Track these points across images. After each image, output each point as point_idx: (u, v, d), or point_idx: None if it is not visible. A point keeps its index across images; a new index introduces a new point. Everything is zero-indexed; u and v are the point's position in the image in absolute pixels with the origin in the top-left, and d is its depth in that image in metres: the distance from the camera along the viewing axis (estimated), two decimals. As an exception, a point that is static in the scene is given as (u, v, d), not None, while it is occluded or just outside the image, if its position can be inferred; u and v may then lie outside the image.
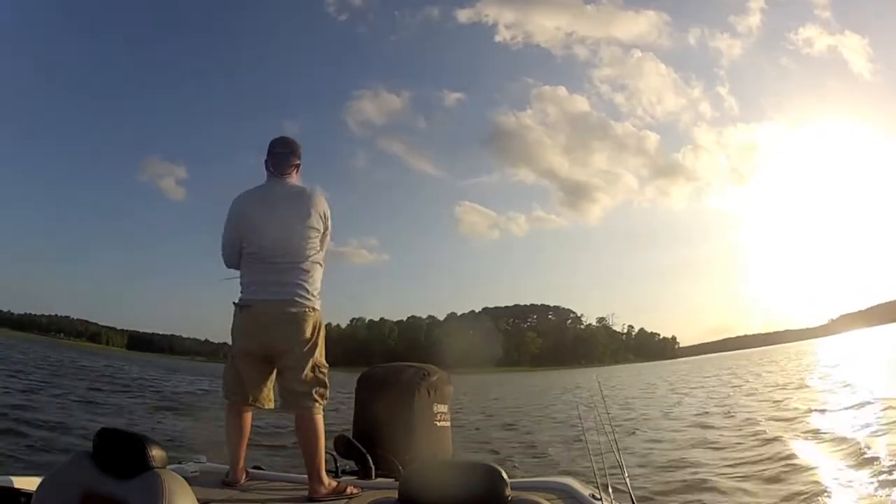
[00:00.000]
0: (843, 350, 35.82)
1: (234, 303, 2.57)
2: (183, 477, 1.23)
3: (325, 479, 2.41)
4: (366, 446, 2.67)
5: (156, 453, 1.23)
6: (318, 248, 2.59)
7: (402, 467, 2.53)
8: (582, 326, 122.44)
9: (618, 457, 2.19)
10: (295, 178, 2.69)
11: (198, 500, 1.22)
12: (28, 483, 1.76)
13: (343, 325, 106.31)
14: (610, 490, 2.03)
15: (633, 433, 8.27)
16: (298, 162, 2.70)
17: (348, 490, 2.40)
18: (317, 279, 2.57)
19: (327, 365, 2.58)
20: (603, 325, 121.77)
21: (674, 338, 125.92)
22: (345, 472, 2.68)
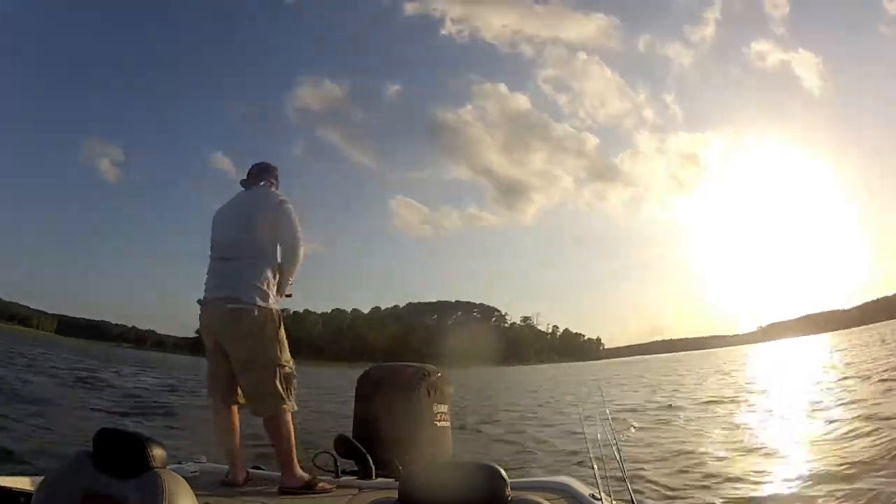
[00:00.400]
0: (757, 358, 36.97)
1: (197, 301, 2.64)
2: (183, 477, 1.23)
3: (298, 472, 2.46)
4: (366, 446, 2.67)
5: (156, 453, 1.23)
6: (267, 245, 2.60)
7: (402, 467, 2.54)
8: (506, 325, 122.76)
9: (618, 457, 2.19)
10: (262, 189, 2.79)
11: (198, 500, 1.22)
12: (28, 483, 1.76)
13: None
14: (610, 490, 2.03)
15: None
16: (271, 178, 2.82)
17: (320, 486, 2.44)
18: (265, 276, 2.55)
19: (290, 360, 2.58)
20: (528, 325, 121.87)
21: (598, 339, 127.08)
22: (345, 472, 2.68)
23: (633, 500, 1.90)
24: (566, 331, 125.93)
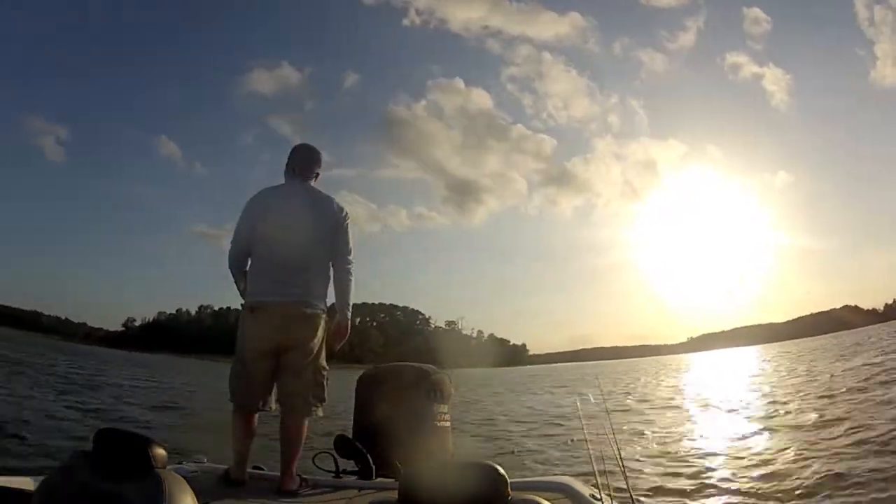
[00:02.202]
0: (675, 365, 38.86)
1: (242, 305, 2.59)
2: (183, 477, 1.23)
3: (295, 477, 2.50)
4: (366, 446, 2.67)
5: (156, 453, 1.23)
6: (328, 257, 2.62)
7: (402, 467, 2.53)
8: (430, 328, 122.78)
9: (618, 457, 2.19)
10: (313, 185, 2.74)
11: (198, 500, 1.21)
12: (28, 483, 1.76)
13: (192, 312, 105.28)
14: (610, 490, 2.03)
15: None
16: (319, 171, 2.75)
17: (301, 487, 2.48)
18: (326, 287, 2.62)
19: (327, 369, 2.62)
20: (452, 329, 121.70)
21: (524, 345, 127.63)
22: (345, 472, 2.68)
23: (633, 500, 1.90)
24: (491, 336, 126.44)
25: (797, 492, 4.30)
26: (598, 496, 2.03)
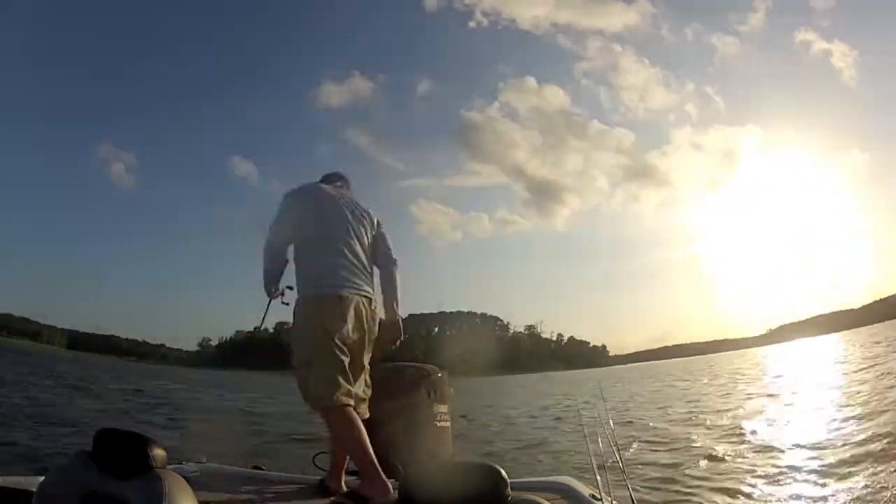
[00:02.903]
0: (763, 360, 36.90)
1: (318, 290, 2.46)
2: (183, 477, 1.23)
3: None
4: None
5: (156, 453, 1.23)
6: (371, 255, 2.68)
7: (402, 467, 2.53)
8: (509, 334, 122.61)
9: (618, 457, 2.19)
10: None
11: (198, 500, 1.22)
12: (28, 483, 1.76)
13: (270, 329, 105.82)
14: (610, 490, 2.03)
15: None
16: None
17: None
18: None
19: None
20: (531, 333, 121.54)
21: (604, 346, 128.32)
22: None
23: (633, 500, 1.90)
24: (571, 338, 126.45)
25: None
26: (598, 496, 2.03)
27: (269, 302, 2.66)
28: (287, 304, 2.60)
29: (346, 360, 2.39)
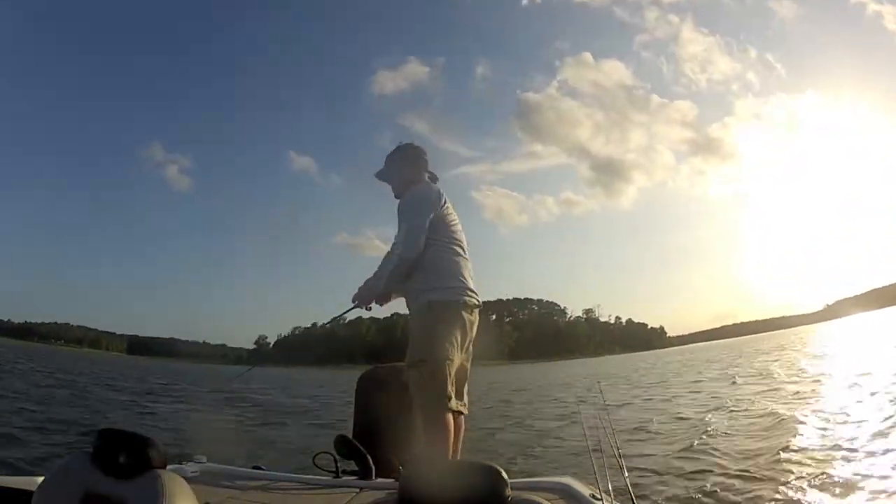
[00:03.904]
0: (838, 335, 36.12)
1: (457, 299, 2.51)
2: (183, 477, 1.24)
3: None
4: (366, 446, 2.67)
5: (156, 453, 1.23)
6: None
7: (403, 467, 2.53)
8: (567, 319, 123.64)
9: (618, 457, 2.19)
10: None
11: (198, 500, 1.22)
12: (28, 483, 1.76)
13: (320, 324, 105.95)
14: (610, 490, 2.03)
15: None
16: None
17: None
18: None
19: None
20: (588, 317, 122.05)
21: (661, 328, 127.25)
22: (345, 472, 2.68)
23: (633, 500, 1.90)
24: (629, 321, 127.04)
25: None
26: (598, 496, 2.03)
27: (356, 306, 2.70)
28: (370, 309, 2.69)
29: (453, 368, 2.49)
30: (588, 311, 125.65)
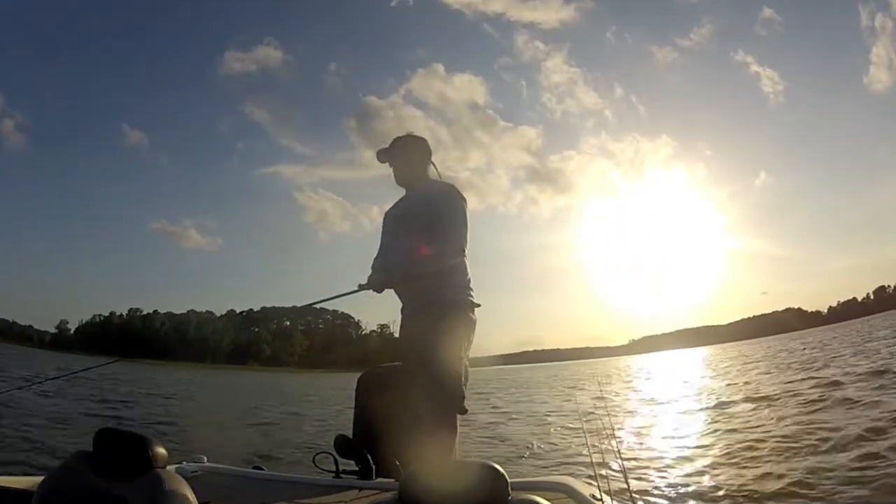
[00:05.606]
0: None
1: (463, 298, 2.56)
2: (183, 477, 1.23)
3: None
4: (366, 446, 2.67)
5: (156, 453, 1.23)
6: None
7: (402, 467, 2.53)
8: (362, 332, 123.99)
9: (618, 456, 2.19)
10: None
11: (198, 500, 1.22)
12: (28, 483, 1.75)
13: (124, 314, 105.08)
14: (610, 490, 2.03)
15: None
16: None
17: None
18: None
19: None
20: (381, 333, 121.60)
21: None
22: (345, 472, 2.68)
23: (633, 500, 1.90)
24: None
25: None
26: (598, 496, 2.03)
27: (356, 291, 2.66)
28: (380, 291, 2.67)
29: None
30: (383, 326, 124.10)
